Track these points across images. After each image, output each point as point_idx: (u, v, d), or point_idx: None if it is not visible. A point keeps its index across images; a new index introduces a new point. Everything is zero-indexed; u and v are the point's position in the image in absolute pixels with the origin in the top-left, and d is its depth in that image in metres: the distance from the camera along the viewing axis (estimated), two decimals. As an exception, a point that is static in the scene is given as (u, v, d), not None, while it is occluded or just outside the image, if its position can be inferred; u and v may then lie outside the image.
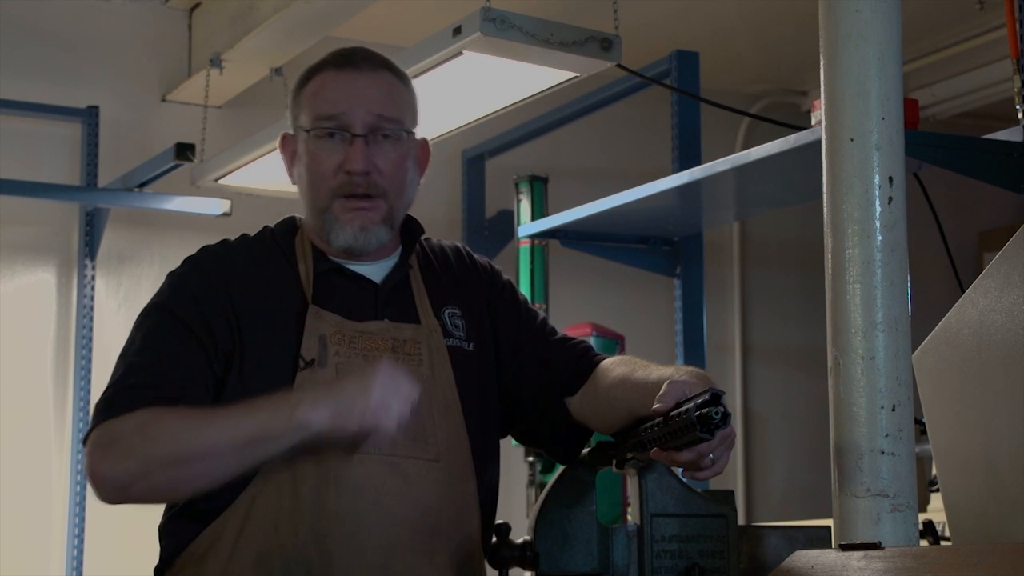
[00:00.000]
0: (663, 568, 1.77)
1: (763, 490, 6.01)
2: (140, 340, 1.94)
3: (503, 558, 1.78)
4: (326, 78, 2.01)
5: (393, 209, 2.00)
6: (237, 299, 1.95)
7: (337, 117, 1.97)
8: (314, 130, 1.98)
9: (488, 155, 5.38)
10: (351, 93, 1.99)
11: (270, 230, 2.08)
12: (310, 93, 2.02)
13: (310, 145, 1.99)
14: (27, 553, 4.67)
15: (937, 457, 1.85)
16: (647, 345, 5.38)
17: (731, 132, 5.87)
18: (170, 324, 1.93)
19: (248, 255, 2.03)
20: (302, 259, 2.01)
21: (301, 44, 4.57)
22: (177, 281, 1.99)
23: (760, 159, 3.22)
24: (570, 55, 3.13)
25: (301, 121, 2.02)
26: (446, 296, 2.07)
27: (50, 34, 4.90)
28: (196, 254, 2.03)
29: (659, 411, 1.65)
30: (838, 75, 1.73)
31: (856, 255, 1.70)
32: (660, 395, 1.67)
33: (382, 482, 1.89)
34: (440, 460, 1.94)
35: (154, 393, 1.86)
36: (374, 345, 1.95)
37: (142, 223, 4.97)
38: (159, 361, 1.90)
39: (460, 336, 2.04)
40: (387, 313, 1.99)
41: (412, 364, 1.97)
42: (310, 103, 2.01)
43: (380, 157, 1.98)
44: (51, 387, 4.80)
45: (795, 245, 6.01)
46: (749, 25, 5.37)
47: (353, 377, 1.81)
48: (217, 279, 1.97)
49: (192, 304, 1.94)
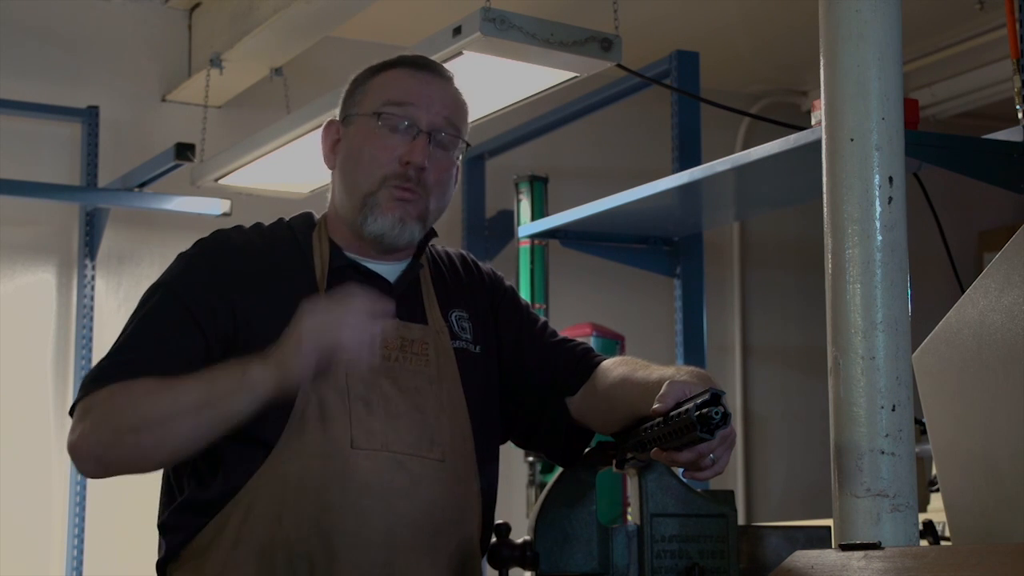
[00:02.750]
0: (663, 568, 1.77)
1: (763, 490, 6.01)
2: (140, 319, 1.95)
3: (503, 558, 1.78)
4: (401, 73, 2.04)
5: (431, 210, 2.03)
6: (245, 286, 1.95)
7: (407, 108, 2.00)
8: (383, 115, 2.00)
9: (488, 155, 5.38)
10: (425, 91, 2.03)
11: (287, 222, 2.09)
12: (379, 83, 2.04)
13: (371, 128, 2.00)
14: (27, 553, 4.67)
15: (937, 457, 1.85)
16: (647, 345, 5.38)
17: (731, 132, 5.87)
18: (171, 304, 1.94)
19: (262, 243, 2.03)
20: (318, 253, 2.02)
21: (301, 44, 4.57)
22: (186, 262, 2.01)
23: (760, 159, 3.22)
24: (570, 55, 3.13)
25: (363, 107, 2.03)
26: (453, 299, 2.08)
27: (50, 34, 4.90)
28: (208, 237, 2.04)
29: (659, 411, 1.65)
30: (838, 75, 1.73)
31: (856, 255, 1.70)
32: (660, 395, 1.67)
33: (389, 479, 1.89)
34: (445, 460, 1.95)
35: (139, 368, 1.87)
36: (384, 343, 1.94)
37: (142, 223, 4.97)
38: (152, 341, 1.91)
39: (467, 339, 2.05)
40: (397, 312, 1.99)
41: (419, 364, 1.98)
42: (379, 90, 2.03)
43: (435, 158, 2.01)
44: (51, 387, 4.80)
45: (795, 245, 6.00)
46: (749, 25, 5.37)
47: (290, 328, 1.81)
48: (225, 265, 1.98)
49: (197, 286, 1.95)
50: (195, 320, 1.92)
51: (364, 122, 2.02)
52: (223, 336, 1.92)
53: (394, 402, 1.94)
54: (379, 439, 1.90)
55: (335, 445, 1.88)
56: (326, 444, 1.88)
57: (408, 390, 1.95)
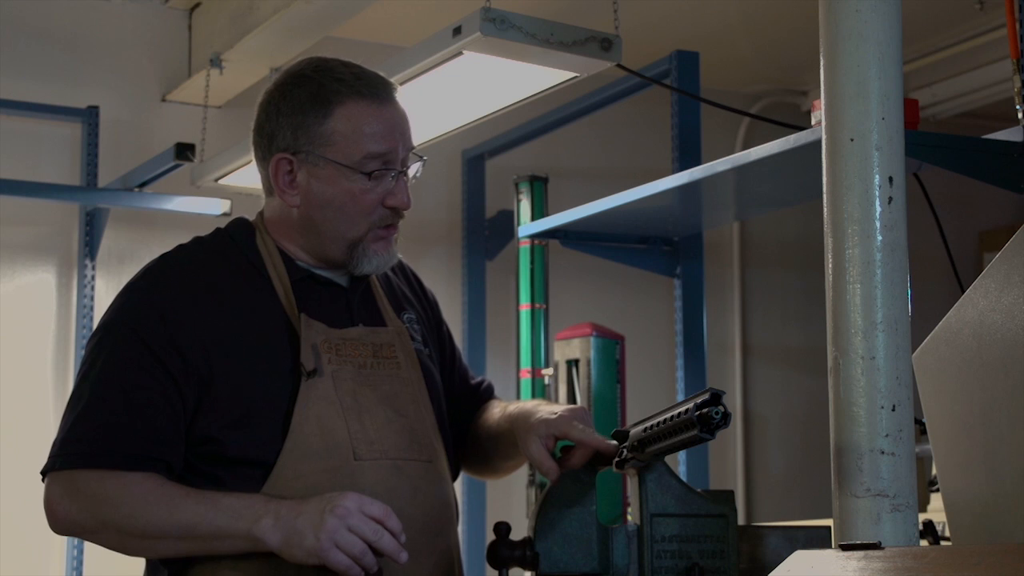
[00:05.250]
0: (663, 568, 1.77)
1: (763, 490, 6.01)
2: (102, 365, 1.90)
3: (503, 558, 1.78)
4: (362, 112, 1.96)
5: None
6: (210, 311, 1.93)
7: (385, 155, 1.96)
8: (372, 172, 1.95)
9: (488, 155, 5.38)
10: (394, 131, 1.98)
11: (226, 233, 2.05)
12: (343, 126, 1.95)
13: (349, 179, 1.95)
14: (27, 553, 4.67)
15: (937, 457, 1.85)
16: (647, 345, 5.39)
17: (731, 132, 5.87)
18: (134, 348, 1.89)
19: (213, 262, 2.00)
20: (270, 265, 2.00)
21: (301, 44, 4.57)
22: (140, 297, 1.95)
23: (760, 159, 3.22)
24: (570, 55, 3.13)
25: (333, 152, 1.95)
26: (401, 302, 2.12)
27: (50, 34, 4.90)
28: (156, 265, 2.00)
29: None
30: (838, 75, 1.73)
31: (856, 255, 1.70)
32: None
33: (393, 486, 1.91)
34: (432, 460, 1.98)
35: (117, 445, 1.85)
36: (357, 351, 1.97)
37: (142, 223, 4.97)
38: (122, 396, 1.87)
39: (419, 340, 2.09)
40: (360, 318, 2.02)
41: (391, 368, 2.00)
42: (351, 137, 1.95)
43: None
44: (51, 387, 4.80)
45: (795, 245, 6.01)
46: (749, 25, 5.37)
47: (315, 504, 1.79)
48: (184, 294, 1.94)
49: (159, 324, 1.90)
50: (161, 364, 1.88)
51: (343, 173, 1.96)
52: (195, 371, 1.89)
53: (379, 409, 1.95)
54: (377, 447, 1.91)
55: (339, 458, 1.89)
56: (329, 458, 1.88)
57: (388, 396, 1.97)
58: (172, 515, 1.81)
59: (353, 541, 1.75)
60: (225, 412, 1.88)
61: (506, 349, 5.20)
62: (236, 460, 1.88)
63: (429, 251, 5.45)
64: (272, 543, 1.78)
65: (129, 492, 1.84)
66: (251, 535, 1.79)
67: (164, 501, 1.82)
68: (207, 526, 1.81)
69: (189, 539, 1.82)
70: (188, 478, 1.89)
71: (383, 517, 1.78)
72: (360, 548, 1.76)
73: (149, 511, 1.82)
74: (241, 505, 1.81)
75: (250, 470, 1.88)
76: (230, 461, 1.88)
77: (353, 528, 1.76)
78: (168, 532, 1.82)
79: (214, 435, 1.88)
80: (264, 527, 1.78)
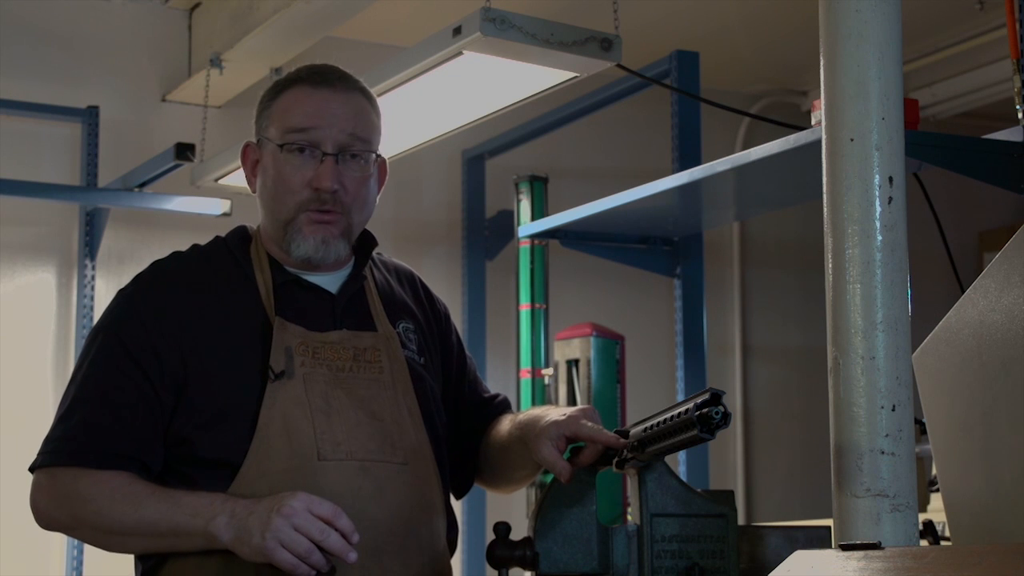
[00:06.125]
0: (663, 568, 1.77)
1: (763, 490, 6.01)
2: (86, 367, 1.98)
3: (503, 558, 1.78)
4: (299, 93, 2.03)
5: (353, 225, 2.05)
6: (192, 316, 1.97)
7: (308, 132, 2.00)
8: (285, 144, 2.00)
9: (488, 155, 5.38)
10: (324, 111, 2.01)
11: (223, 240, 2.11)
12: (281, 107, 2.04)
13: (278, 158, 2.01)
14: (27, 553, 4.67)
15: (937, 457, 1.85)
16: (647, 345, 5.39)
17: (731, 132, 5.87)
18: (115, 352, 1.96)
19: (201, 268, 2.05)
20: (259, 269, 2.04)
21: (301, 44, 4.57)
22: (126, 303, 2.01)
23: (760, 159, 3.22)
24: (570, 55, 3.13)
25: (269, 133, 2.04)
26: (400, 311, 2.13)
27: (50, 34, 4.90)
28: (146, 272, 2.05)
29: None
30: (838, 75, 1.73)
31: (856, 255, 1.70)
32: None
33: (357, 486, 1.92)
34: (408, 463, 1.98)
35: (92, 444, 1.91)
36: (336, 355, 1.99)
37: (142, 223, 4.97)
38: (101, 398, 1.93)
39: (413, 349, 2.10)
40: (345, 323, 2.03)
41: (373, 372, 2.01)
42: (281, 116, 2.03)
43: (347, 176, 2.02)
44: (51, 387, 4.80)
45: (795, 245, 6.01)
46: (749, 25, 5.37)
47: (266, 504, 1.81)
48: (167, 299, 1.99)
49: (140, 329, 1.96)
50: (140, 368, 1.93)
51: (272, 150, 2.03)
52: (172, 373, 1.93)
53: (351, 412, 1.96)
54: (344, 448, 1.93)
55: (302, 458, 1.90)
56: (293, 458, 1.90)
57: (364, 399, 1.98)
58: (136, 512, 1.86)
59: (298, 540, 1.77)
60: (198, 414, 1.92)
61: (506, 349, 5.20)
62: (207, 461, 1.92)
63: (429, 251, 5.45)
64: (225, 540, 1.81)
65: (99, 490, 1.89)
66: (207, 532, 1.82)
67: (130, 499, 1.87)
68: (167, 523, 1.85)
69: (152, 536, 1.87)
70: (165, 478, 1.93)
71: (332, 517, 1.79)
72: (305, 547, 1.77)
73: (115, 508, 1.87)
74: (200, 503, 1.85)
75: (220, 470, 1.91)
76: (202, 462, 1.92)
77: (299, 527, 1.77)
78: (133, 529, 1.87)
79: (188, 436, 1.92)
80: (218, 525, 1.82)
